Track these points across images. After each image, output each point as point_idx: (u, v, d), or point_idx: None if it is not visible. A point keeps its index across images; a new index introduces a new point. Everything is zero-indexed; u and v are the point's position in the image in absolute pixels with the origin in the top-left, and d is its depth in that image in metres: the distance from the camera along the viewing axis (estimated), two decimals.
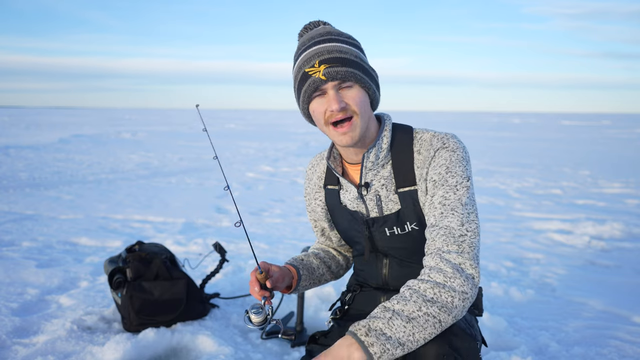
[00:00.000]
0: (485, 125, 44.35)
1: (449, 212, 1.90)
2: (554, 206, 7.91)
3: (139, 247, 3.62)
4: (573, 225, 6.49)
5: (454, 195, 1.92)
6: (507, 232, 6.20)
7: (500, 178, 11.03)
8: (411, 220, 2.05)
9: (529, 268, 4.83)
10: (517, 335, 3.37)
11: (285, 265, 2.25)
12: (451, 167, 1.95)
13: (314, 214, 2.36)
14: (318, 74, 1.93)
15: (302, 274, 2.27)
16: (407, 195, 2.04)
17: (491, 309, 3.76)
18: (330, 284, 4.12)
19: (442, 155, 1.98)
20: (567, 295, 4.17)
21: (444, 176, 1.95)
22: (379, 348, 1.68)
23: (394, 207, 2.07)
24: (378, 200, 2.09)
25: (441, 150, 1.99)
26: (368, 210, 2.12)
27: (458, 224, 1.87)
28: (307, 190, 2.38)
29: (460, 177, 1.94)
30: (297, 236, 5.92)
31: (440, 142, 2.00)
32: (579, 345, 3.26)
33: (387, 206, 2.08)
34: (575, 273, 4.70)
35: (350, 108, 1.95)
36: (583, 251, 5.45)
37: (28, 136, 22.30)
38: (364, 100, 1.97)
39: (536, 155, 16.49)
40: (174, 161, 13.78)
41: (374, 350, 1.67)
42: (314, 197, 2.33)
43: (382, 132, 2.08)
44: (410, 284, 1.82)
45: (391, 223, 2.08)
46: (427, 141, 2.03)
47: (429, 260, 1.85)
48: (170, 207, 7.57)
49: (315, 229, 2.45)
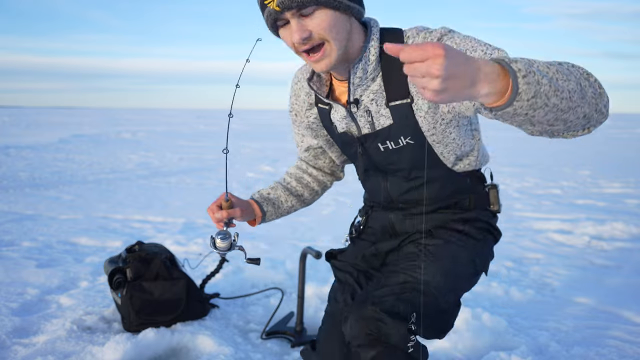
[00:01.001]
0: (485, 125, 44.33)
1: None
2: (554, 206, 7.91)
3: (139, 247, 3.62)
4: (573, 225, 6.49)
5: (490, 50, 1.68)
6: (507, 232, 6.19)
7: (500, 178, 11.02)
8: (405, 134, 1.94)
9: (529, 268, 4.83)
10: (517, 335, 3.37)
11: (249, 200, 2.27)
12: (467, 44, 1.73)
13: (309, 132, 2.30)
14: (272, 4, 1.76)
15: (267, 210, 2.30)
16: (400, 108, 1.91)
17: (491, 309, 3.76)
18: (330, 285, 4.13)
19: None
20: (567, 295, 4.18)
21: None
22: (524, 66, 1.30)
23: (386, 122, 1.96)
24: (369, 116, 1.97)
25: (444, 38, 1.79)
26: (359, 128, 2.03)
27: None
28: (294, 106, 2.29)
29: (481, 44, 1.71)
30: (298, 236, 5.92)
31: (434, 35, 1.82)
32: (579, 345, 3.26)
33: (379, 121, 1.97)
34: (575, 273, 4.71)
35: (316, 36, 1.79)
36: (583, 251, 5.45)
37: (28, 136, 22.29)
38: (333, 22, 1.77)
39: (536, 155, 16.48)
40: (174, 161, 13.78)
41: (518, 67, 1.29)
42: (305, 115, 2.24)
43: (369, 42, 1.91)
44: None
45: (383, 137, 1.98)
46: None
47: None
48: (170, 207, 7.57)
49: (301, 145, 2.41)
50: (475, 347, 3.19)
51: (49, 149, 16.53)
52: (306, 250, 3.33)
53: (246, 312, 3.76)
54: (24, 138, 20.90)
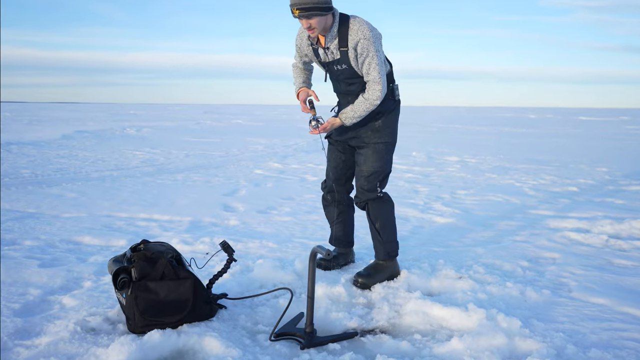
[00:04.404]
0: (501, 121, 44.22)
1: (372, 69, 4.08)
2: (571, 204, 7.89)
3: (144, 246, 3.62)
4: (590, 224, 6.47)
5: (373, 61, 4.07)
6: (522, 231, 6.19)
7: (516, 175, 10.99)
8: (346, 63, 4.13)
9: (545, 268, 4.82)
10: (532, 337, 3.35)
11: (304, 89, 4.47)
12: (369, 47, 4.01)
13: (306, 52, 4.40)
14: (296, 14, 3.92)
15: (310, 85, 4.63)
16: (344, 53, 4.09)
17: (506, 310, 3.75)
18: (341, 285, 4.14)
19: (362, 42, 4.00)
20: (584, 296, 4.16)
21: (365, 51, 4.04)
22: (343, 114, 4.24)
23: (337, 56, 4.15)
24: (332, 54, 4.18)
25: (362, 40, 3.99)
26: (328, 57, 4.22)
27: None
28: (300, 41, 4.39)
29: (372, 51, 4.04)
30: (307, 235, 5.92)
31: (361, 33, 3.99)
32: (597, 347, 3.25)
33: (335, 56, 4.17)
34: (593, 273, 4.68)
35: (312, 26, 3.97)
36: (601, 250, 5.43)
37: (30, 132, 22.35)
38: (320, 20, 3.94)
39: (552, 152, 16.43)
40: (180, 158, 13.80)
41: (343, 115, 4.25)
42: (306, 46, 4.35)
43: (334, 24, 4.05)
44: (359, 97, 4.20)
45: (337, 62, 4.18)
46: (354, 29, 4.00)
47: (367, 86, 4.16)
48: (176, 205, 7.58)
49: (299, 57, 4.52)
50: (489, 348, 3.18)
51: (52, 145, 16.60)
52: (316, 249, 3.30)
53: (254, 313, 3.76)
54: (26, 134, 20.98)
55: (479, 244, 5.67)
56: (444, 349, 3.26)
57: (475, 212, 7.30)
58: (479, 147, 18.07)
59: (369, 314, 3.79)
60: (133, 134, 23.16)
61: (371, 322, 3.68)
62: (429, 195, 8.53)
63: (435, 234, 6.08)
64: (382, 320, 3.69)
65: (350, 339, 3.44)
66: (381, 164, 4.34)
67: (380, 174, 4.36)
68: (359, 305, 3.93)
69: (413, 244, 5.58)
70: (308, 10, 3.87)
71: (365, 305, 3.96)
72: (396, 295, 4.04)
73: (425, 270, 4.57)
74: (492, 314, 3.57)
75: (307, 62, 4.56)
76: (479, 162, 13.31)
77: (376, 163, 4.32)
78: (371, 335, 3.49)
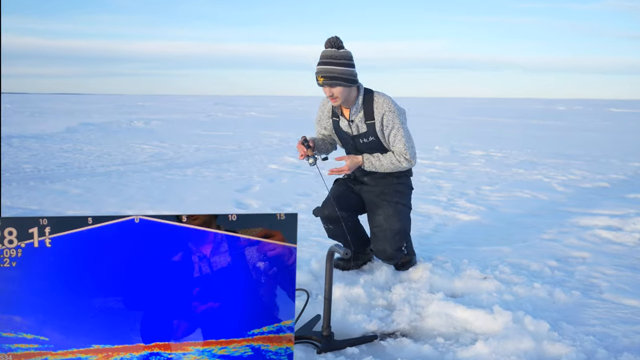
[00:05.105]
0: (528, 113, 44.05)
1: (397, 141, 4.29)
2: (602, 200, 7.86)
3: None
4: (622, 222, 6.45)
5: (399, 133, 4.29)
6: (550, 229, 6.18)
7: (544, 170, 10.97)
8: (373, 136, 4.33)
9: (575, 268, 4.82)
10: (561, 340, 3.35)
11: None
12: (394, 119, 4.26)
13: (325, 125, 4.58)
14: (320, 81, 4.15)
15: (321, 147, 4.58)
16: (370, 125, 4.30)
17: (533, 312, 3.76)
18: (360, 286, 4.16)
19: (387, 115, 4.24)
20: (616, 297, 4.16)
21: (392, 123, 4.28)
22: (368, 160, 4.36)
23: (363, 129, 4.34)
24: (356, 127, 4.37)
25: (387, 112, 4.24)
26: (352, 131, 4.39)
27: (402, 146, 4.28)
28: (322, 113, 4.58)
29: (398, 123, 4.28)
30: (323, 233, 5.90)
31: (387, 106, 4.25)
32: (629, 351, 3.25)
33: (361, 129, 4.36)
34: (625, 273, 4.68)
35: (335, 95, 4.16)
36: (633, 249, 5.42)
37: (32, 125, 22.48)
38: (343, 90, 4.15)
39: (582, 146, 16.37)
40: (190, 152, 13.87)
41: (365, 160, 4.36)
42: (326, 118, 4.55)
43: (359, 97, 4.30)
44: None
45: (363, 136, 4.36)
46: (379, 102, 4.26)
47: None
48: (186, 201, 7.64)
49: (317, 129, 4.68)
50: (516, 352, 3.19)
51: (55, 138, 16.72)
52: (334, 249, 3.31)
53: None
54: (28, 127, 21.10)
55: (505, 242, 5.66)
56: (468, 353, 3.27)
57: (501, 209, 7.30)
58: (505, 140, 18.03)
59: (389, 316, 3.82)
60: (141, 127, 23.28)
61: (392, 324, 3.70)
62: (453, 192, 8.55)
63: (459, 232, 6.08)
64: (403, 322, 3.70)
65: (370, 342, 3.46)
66: (404, 224, 4.37)
67: (405, 234, 4.42)
68: (379, 307, 3.95)
69: (436, 243, 5.59)
70: (332, 79, 4.07)
71: (385, 307, 3.98)
72: (418, 297, 4.05)
73: (449, 270, 4.59)
74: (518, 317, 3.58)
75: (325, 135, 4.65)
76: (504, 157, 13.28)
77: (399, 223, 4.31)
78: (392, 338, 3.51)
